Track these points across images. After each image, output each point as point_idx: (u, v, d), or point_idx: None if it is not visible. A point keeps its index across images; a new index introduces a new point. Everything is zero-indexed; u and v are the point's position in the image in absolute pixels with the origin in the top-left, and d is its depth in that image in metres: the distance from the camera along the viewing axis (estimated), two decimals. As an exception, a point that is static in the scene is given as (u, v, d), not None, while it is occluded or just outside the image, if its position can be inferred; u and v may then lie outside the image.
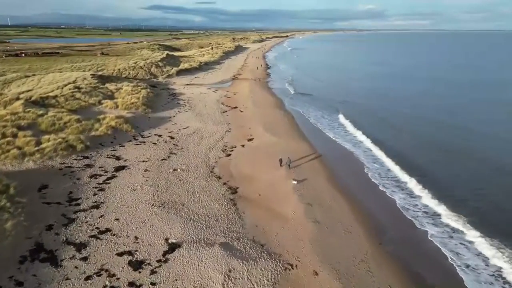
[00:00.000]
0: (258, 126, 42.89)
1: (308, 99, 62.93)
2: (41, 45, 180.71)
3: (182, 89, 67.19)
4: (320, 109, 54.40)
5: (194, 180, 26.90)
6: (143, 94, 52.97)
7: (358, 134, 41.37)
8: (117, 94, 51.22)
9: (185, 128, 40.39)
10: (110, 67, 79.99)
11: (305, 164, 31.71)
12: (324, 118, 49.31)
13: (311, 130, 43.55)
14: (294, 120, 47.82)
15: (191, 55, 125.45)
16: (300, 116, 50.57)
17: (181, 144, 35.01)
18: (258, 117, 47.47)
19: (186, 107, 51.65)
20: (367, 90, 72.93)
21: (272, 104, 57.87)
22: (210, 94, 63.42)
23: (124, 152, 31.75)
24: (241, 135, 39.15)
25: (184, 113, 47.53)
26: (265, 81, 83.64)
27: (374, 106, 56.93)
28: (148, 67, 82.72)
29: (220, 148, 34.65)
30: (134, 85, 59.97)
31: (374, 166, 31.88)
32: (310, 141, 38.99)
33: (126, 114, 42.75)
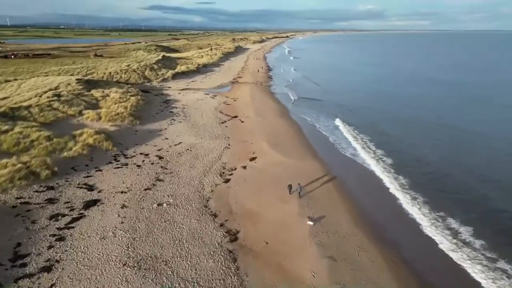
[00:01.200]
0: (261, 141, 37.26)
1: (315, 105, 57.28)
2: (35, 46, 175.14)
3: (177, 95, 61.55)
4: (329, 117, 48.74)
5: (184, 219, 21.25)
6: (132, 102, 47.33)
7: (376, 151, 35.73)
8: (103, 103, 45.56)
9: (177, 145, 34.73)
10: (100, 71, 74.33)
11: (319, 191, 26.14)
12: (335, 128, 43.64)
13: (322, 144, 37.89)
14: (301, 132, 42.16)
15: (189, 57, 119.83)
16: (308, 126, 44.92)
17: (171, 166, 29.35)
18: (261, 129, 41.86)
19: (180, 116, 45.98)
20: (377, 94, 67.21)
21: (276, 112, 52.25)
22: (207, 100, 57.80)
23: (100, 179, 26.08)
24: (242, 153, 33.52)
25: (178, 125, 41.88)
26: (266, 84, 78.04)
27: (390, 113, 51.28)
28: (142, 70, 77.06)
29: (217, 170, 29.01)
30: (124, 91, 54.32)
31: (411, 193, 26.28)
32: (322, 158, 33.39)
33: (110, 127, 37.09)
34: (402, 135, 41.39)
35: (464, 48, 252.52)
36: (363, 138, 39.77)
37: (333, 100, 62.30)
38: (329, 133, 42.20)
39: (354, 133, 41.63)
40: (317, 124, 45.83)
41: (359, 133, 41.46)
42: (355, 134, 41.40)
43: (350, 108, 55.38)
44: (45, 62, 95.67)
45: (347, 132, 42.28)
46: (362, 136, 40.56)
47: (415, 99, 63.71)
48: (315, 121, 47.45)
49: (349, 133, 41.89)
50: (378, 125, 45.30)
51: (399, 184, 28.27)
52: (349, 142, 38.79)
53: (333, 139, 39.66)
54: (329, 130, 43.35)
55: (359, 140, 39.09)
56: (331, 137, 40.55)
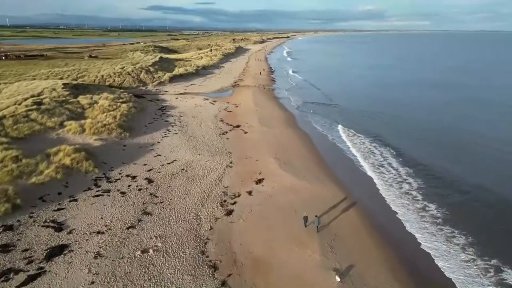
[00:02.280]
0: (268, 157, 32.40)
1: (324, 110, 52.34)
2: (31, 47, 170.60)
3: (174, 100, 56.71)
4: (341, 125, 43.76)
5: (174, 275, 16.38)
6: (122, 110, 42.47)
7: (400, 169, 30.86)
8: (89, 111, 40.70)
9: (170, 163, 29.86)
10: (92, 73, 69.51)
11: (341, 225, 21.38)
12: (349, 139, 38.65)
13: (338, 161, 32.98)
14: (313, 145, 37.25)
15: (188, 58, 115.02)
16: (319, 137, 40.03)
17: (162, 193, 24.49)
18: (266, 142, 36.99)
19: (176, 127, 41.12)
20: (387, 98, 62.29)
21: (282, 120, 47.40)
22: (207, 106, 52.96)
23: (73, 213, 21.22)
24: (246, 173, 28.66)
25: (173, 137, 37.00)
26: (270, 88, 73.22)
27: (408, 119, 46.35)
28: (137, 73, 72.23)
29: (217, 198, 24.16)
30: (115, 96, 49.48)
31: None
32: (341, 180, 28.56)
33: (94, 141, 32.21)
34: (430, 149, 36.49)
35: (466, 48, 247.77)
36: (383, 153, 34.88)
37: (341, 105, 57.46)
38: (344, 145, 37.31)
39: (373, 146, 36.71)
40: (329, 135, 40.93)
41: (379, 146, 36.54)
42: (375, 146, 36.46)
43: (361, 114, 50.49)
44: (37, 64, 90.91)
45: (365, 144, 37.38)
46: (382, 149, 35.66)
47: (429, 104, 58.81)
48: (327, 131, 42.54)
49: (367, 145, 36.99)
50: (399, 135, 40.38)
51: (435, 218, 23.44)
52: (369, 157, 33.91)
53: (350, 154, 34.78)
54: (344, 141, 38.46)
55: (379, 155, 34.19)
56: (348, 151, 35.67)
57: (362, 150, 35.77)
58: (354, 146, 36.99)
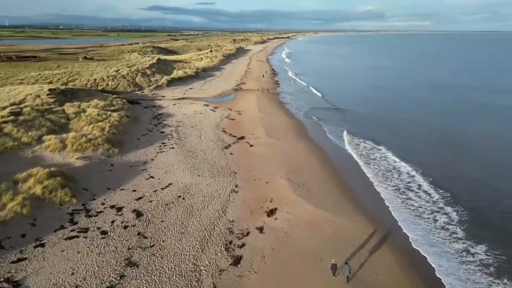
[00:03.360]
0: (279, 178, 27.76)
1: (335, 118, 47.56)
2: (27, 47, 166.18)
3: (171, 107, 52.06)
4: (356, 134, 39.02)
5: None
6: (112, 120, 37.79)
7: (441, 193, 26.22)
8: (74, 122, 36.00)
9: (165, 188, 25.18)
10: (85, 77, 64.83)
11: (375, 268, 16.89)
12: (370, 152, 33.85)
13: (361, 182, 28.33)
14: (330, 163, 32.47)
15: (187, 59, 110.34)
16: (336, 151, 35.31)
17: (153, 231, 19.82)
18: (276, 158, 32.32)
19: (173, 139, 36.43)
20: (399, 102, 57.66)
21: (291, 129, 42.78)
22: (207, 114, 48.32)
23: (37, 265, 16.57)
24: (255, 201, 24.01)
25: (169, 153, 32.33)
26: (274, 92, 68.58)
27: (426, 125, 41.81)
28: (133, 77, 67.54)
29: (221, 238, 19.51)
30: (106, 103, 44.82)
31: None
32: (365, 205, 24.00)
33: (76, 160, 27.54)
34: (462, 165, 31.84)
35: (469, 49, 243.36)
36: (410, 172, 30.19)
37: (351, 110, 53.00)
38: (362, 160, 32.61)
39: (396, 162, 31.99)
40: (348, 148, 36.21)
41: (403, 161, 31.77)
42: (398, 162, 31.75)
43: (375, 121, 45.86)
44: (28, 66, 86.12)
45: (387, 160, 32.66)
46: (407, 167, 30.95)
47: (444, 108, 54.14)
48: (341, 142, 37.85)
49: (390, 162, 32.28)
50: (422, 147, 35.73)
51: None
52: (392, 177, 29.22)
53: (373, 172, 30.10)
54: (362, 155, 33.76)
55: (405, 174, 29.51)
56: (370, 168, 30.99)
57: (383, 168, 31.11)
58: (373, 162, 32.31)
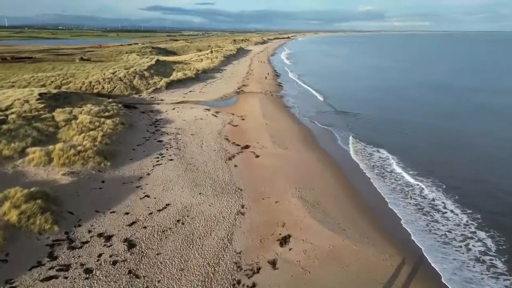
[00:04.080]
0: (291, 196, 24.74)
1: (344, 123, 44.43)
2: (24, 48, 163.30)
3: (170, 112, 49.08)
4: (372, 143, 35.94)
5: None
6: (106, 128, 34.77)
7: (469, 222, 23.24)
8: (64, 131, 32.95)
9: (162, 210, 22.14)
10: (80, 79, 61.82)
11: None
12: (386, 165, 30.82)
13: (377, 198, 25.34)
14: (344, 176, 29.56)
15: (187, 60, 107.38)
16: (349, 163, 32.30)
17: (147, 268, 16.78)
18: (285, 171, 29.30)
19: (171, 149, 33.40)
20: (409, 104, 54.65)
21: (298, 136, 39.81)
22: (208, 120, 45.35)
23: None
24: (265, 226, 21.00)
25: (167, 165, 29.29)
26: (278, 95, 65.64)
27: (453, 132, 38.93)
28: (130, 79, 64.52)
29: (227, 277, 16.48)
30: (100, 109, 41.82)
31: None
32: (389, 230, 21.02)
33: (62, 177, 24.50)
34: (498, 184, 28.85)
35: (471, 49, 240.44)
36: (444, 188, 27.21)
37: (361, 114, 50.04)
38: (376, 173, 29.59)
39: (421, 176, 29.00)
40: (359, 159, 33.19)
41: (423, 176, 28.79)
42: (426, 179, 28.72)
43: (388, 126, 42.91)
44: (22, 67, 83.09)
45: (404, 171, 29.67)
46: (442, 184, 27.96)
47: (463, 112, 51.17)
48: (353, 152, 34.82)
49: (410, 173, 29.29)
50: (443, 157, 32.73)
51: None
52: (419, 194, 26.21)
53: (390, 187, 27.06)
54: (377, 166, 30.74)
55: (439, 191, 26.52)
56: (386, 183, 27.97)
57: (401, 182, 28.11)
58: (389, 176, 29.29)
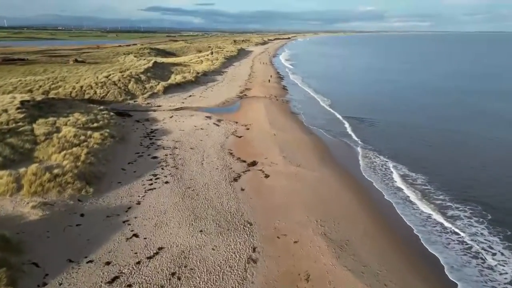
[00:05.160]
0: (313, 233, 20.11)
1: (360, 132, 39.72)
2: (20, 49, 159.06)
3: (168, 120, 44.54)
4: (392, 160, 31.38)
5: None
6: (93, 143, 30.16)
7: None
8: (42, 148, 28.32)
9: (153, 257, 17.51)
10: (70, 83, 57.19)
11: None
12: (412, 188, 26.23)
13: (411, 235, 20.76)
14: (369, 200, 25.07)
15: (186, 62, 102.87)
16: (371, 188, 27.74)
17: None
18: (302, 198, 24.67)
19: (167, 168, 28.78)
20: (423, 110, 50.19)
21: (312, 150, 35.26)
22: (210, 129, 40.79)
23: None
24: (284, 280, 16.36)
25: (161, 191, 24.67)
26: (283, 100, 61.13)
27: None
28: (125, 83, 59.91)
29: None
30: (89, 119, 37.24)
31: None
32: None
33: (31, 210, 19.88)
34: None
35: (474, 50, 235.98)
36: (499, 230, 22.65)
37: (376, 122, 45.65)
38: (407, 200, 24.99)
39: (463, 205, 24.37)
40: (388, 182, 28.50)
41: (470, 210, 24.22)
42: (470, 208, 24.13)
43: (407, 136, 38.30)
44: (12, 70, 78.53)
45: (439, 197, 25.05)
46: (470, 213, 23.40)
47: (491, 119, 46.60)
48: (375, 172, 30.17)
49: (449, 204, 24.67)
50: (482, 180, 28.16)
51: None
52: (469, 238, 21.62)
53: (429, 226, 22.46)
54: (407, 191, 26.11)
55: (491, 232, 21.92)
56: (421, 215, 23.36)
57: (432, 211, 23.49)
58: (424, 200, 24.69)
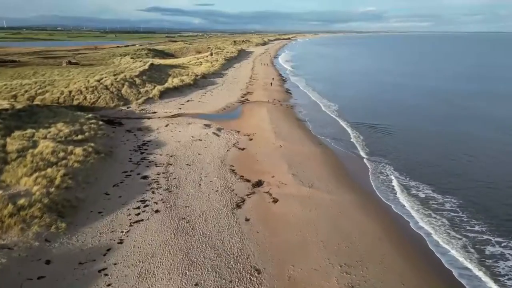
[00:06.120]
0: (338, 285, 16.05)
1: (373, 142, 35.55)
2: (15, 50, 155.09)
3: (163, 129, 40.38)
4: (417, 180, 27.20)
5: None
6: (73, 161, 25.95)
7: None
8: (11, 169, 24.09)
9: (133, 327, 13.50)
10: (59, 88, 53.01)
11: None
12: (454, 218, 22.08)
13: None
14: (397, 234, 20.94)
15: (185, 64, 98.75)
16: (397, 218, 23.58)
17: None
18: (319, 228, 20.52)
19: (159, 192, 24.58)
20: (440, 117, 46.12)
21: (324, 165, 31.15)
22: (209, 141, 36.62)
23: None
24: None
25: (150, 223, 20.46)
26: (287, 105, 56.99)
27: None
28: (118, 87, 55.72)
29: None
30: (74, 130, 33.08)
31: None
32: None
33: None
34: None
35: (477, 51, 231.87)
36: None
37: (392, 129, 41.50)
38: (448, 240, 20.82)
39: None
40: (422, 211, 24.27)
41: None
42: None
43: (428, 146, 33.95)
44: (0, 72, 74.45)
45: (479, 229, 20.86)
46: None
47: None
48: (402, 193, 25.94)
49: (492, 239, 20.47)
50: None
51: None
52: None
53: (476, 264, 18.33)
54: (446, 225, 21.93)
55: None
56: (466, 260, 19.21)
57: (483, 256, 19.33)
58: (468, 243, 20.50)
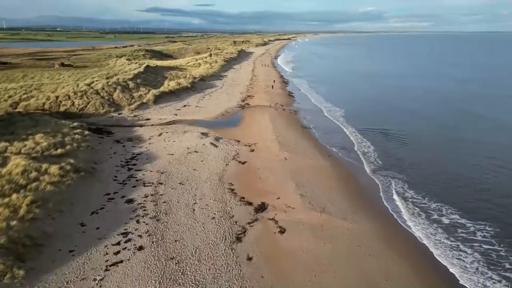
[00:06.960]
0: None
1: (389, 153, 31.66)
2: (10, 51, 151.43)
3: (155, 140, 36.65)
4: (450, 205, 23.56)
5: None
6: (45, 183, 22.20)
7: None
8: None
9: None
10: (45, 93, 49.30)
11: None
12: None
13: None
14: (433, 274, 17.28)
15: (183, 65, 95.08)
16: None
17: None
18: (338, 272, 16.86)
19: (144, 220, 20.84)
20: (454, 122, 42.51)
21: (336, 183, 27.48)
22: (206, 153, 32.92)
23: None
24: None
25: (130, 265, 16.77)
26: (291, 110, 53.31)
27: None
28: (109, 91, 52.03)
29: None
30: (54, 142, 29.38)
31: None
32: None
33: None
34: None
35: (480, 51, 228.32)
36: None
37: (404, 138, 37.82)
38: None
39: None
40: (455, 235, 20.57)
41: None
42: None
43: (459, 166, 30.17)
44: (-12, 75, 70.75)
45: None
46: None
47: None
48: (425, 221, 22.21)
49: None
50: None
51: None
52: None
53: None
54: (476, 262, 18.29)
55: None
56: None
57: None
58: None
